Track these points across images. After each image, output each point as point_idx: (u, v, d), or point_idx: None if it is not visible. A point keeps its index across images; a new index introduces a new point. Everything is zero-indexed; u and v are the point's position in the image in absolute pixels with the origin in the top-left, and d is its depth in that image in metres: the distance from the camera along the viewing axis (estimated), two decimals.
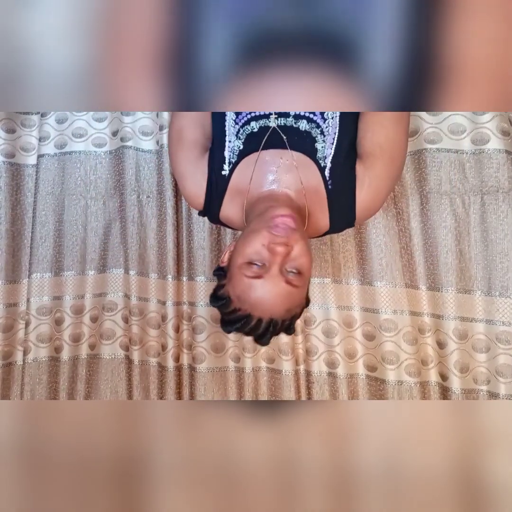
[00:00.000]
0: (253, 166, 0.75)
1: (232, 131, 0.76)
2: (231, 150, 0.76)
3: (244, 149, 0.76)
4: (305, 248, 0.67)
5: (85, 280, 1.27)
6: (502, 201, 1.07)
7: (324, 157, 0.74)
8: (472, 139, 1.09)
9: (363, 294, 1.17)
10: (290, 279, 0.66)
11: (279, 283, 0.66)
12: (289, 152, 0.74)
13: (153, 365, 1.22)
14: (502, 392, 1.06)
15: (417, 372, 1.13)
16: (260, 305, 0.67)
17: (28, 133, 1.28)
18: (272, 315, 0.68)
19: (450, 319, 1.11)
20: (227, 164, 0.76)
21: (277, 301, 0.67)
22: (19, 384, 1.24)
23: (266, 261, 0.66)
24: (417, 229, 1.12)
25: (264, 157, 0.75)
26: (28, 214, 1.27)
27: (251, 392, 1.20)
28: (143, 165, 1.23)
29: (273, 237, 0.65)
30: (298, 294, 0.69)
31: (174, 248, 1.20)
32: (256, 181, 0.75)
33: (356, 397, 1.17)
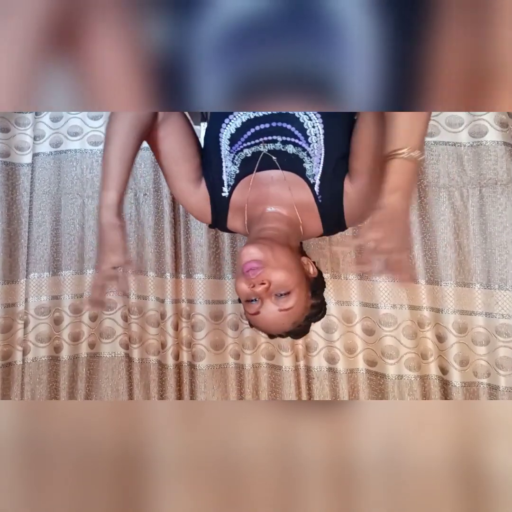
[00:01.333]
0: (249, 186, 0.83)
1: (228, 158, 0.84)
2: (228, 174, 0.84)
3: (240, 173, 0.84)
4: (282, 274, 0.73)
5: (83, 279, 1.27)
6: (501, 194, 1.06)
7: (313, 175, 0.81)
8: (470, 132, 1.08)
9: (362, 289, 1.17)
10: (282, 305, 0.74)
11: (273, 312, 0.74)
12: (280, 172, 0.81)
13: (153, 363, 1.22)
14: (502, 385, 1.06)
15: (417, 366, 1.14)
16: (269, 331, 0.78)
17: (23, 131, 1.27)
18: (283, 331, 0.78)
19: (450, 313, 1.10)
20: (226, 186, 0.85)
21: (279, 325, 0.76)
22: (19, 384, 1.24)
23: (258, 297, 0.74)
24: (415, 222, 1.12)
25: (258, 177, 0.82)
26: (24, 213, 1.26)
27: (251, 388, 1.20)
28: (140, 163, 1.22)
29: (249, 281, 0.73)
30: (296, 310, 0.76)
31: (172, 246, 1.20)
32: (252, 199, 0.83)
33: (357, 392, 1.17)
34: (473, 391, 1.10)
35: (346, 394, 1.16)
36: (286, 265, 0.76)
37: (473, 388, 1.10)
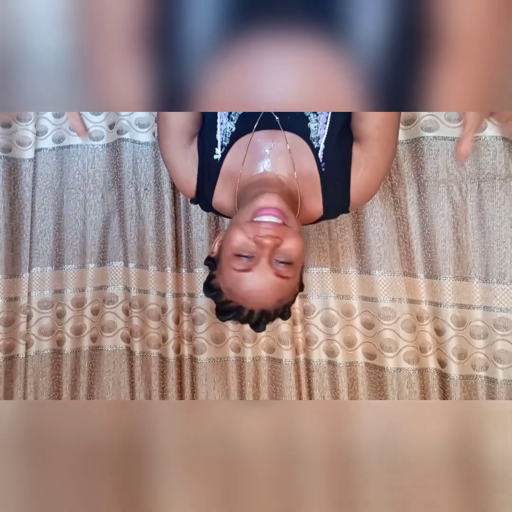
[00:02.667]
0: (245, 149, 0.73)
1: (224, 113, 0.74)
2: (223, 132, 0.74)
3: (236, 131, 0.74)
4: (297, 243, 0.66)
5: (85, 273, 1.28)
6: (499, 188, 1.07)
7: (318, 138, 0.72)
8: None
9: (361, 283, 1.18)
10: (280, 270, 0.65)
11: (268, 275, 0.65)
12: (281, 133, 0.72)
13: (154, 356, 1.24)
14: (500, 378, 1.07)
15: (416, 359, 1.15)
16: (251, 298, 0.67)
17: (24, 127, 1.27)
18: (263, 306, 0.69)
19: (448, 306, 1.11)
20: (219, 147, 0.74)
21: (267, 293, 0.67)
22: (22, 376, 1.25)
23: (254, 253, 0.65)
24: (414, 217, 1.12)
25: (256, 139, 0.73)
26: (26, 208, 1.27)
27: (251, 381, 1.21)
28: (140, 158, 1.23)
29: (259, 230, 0.63)
30: (289, 284, 0.68)
31: (172, 240, 1.21)
32: (248, 164, 0.73)
33: (356, 385, 1.18)
34: (471, 384, 1.11)
35: (346, 387, 1.17)
36: (301, 233, 0.68)
37: (471, 381, 1.11)
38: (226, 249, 0.68)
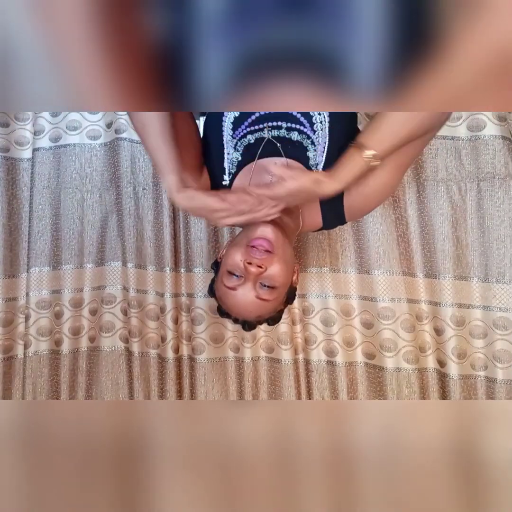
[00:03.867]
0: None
1: (230, 145, 0.81)
2: (230, 161, 0.82)
3: (242, 160, 0.81)
4: (280, 269, 0.73)
5: (83, 273, 1.27)
6: (499, 188, 1.06)
7: (316, 164, 0.79)
8: (468, 126, 1.08)
9: (360, 283, 1.18)
10: (262, 293, 0.73)
11: (249, 297, 0.74)
12: (283, 160, 0.79)
13: (153, 356, 1.23)
14: (499, 377, 1.07)
15: (415, 359, 1.14)
16: (234, 311, 0.78)
17: (22, 126, 1.27)
18: (244, 318, 0.79)
19: (447, 306, 1.11)
20: (227, 174, 0.82)
21: (246, 311, 0.76)
22: (20, 377, 1.25)
23: (243, 274, 0.73)
24: (414, 216, 1.12)
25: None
26: (25, 208, 1.26)
27: (250, 381, 1.21)
28: (138, 157, 1.22)
29: (249, 257, 0.72)
30: (270, 305, 0.76)
31: (171, 240, 1.20)
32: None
33: (355, 385, 1.17)
34: (470, 383, 1.11)
35: (345, 387, 1.17)
36: (287, 262, 0.76)
37: (470, 381, 1.11)
38: (223, 263, 0.77)
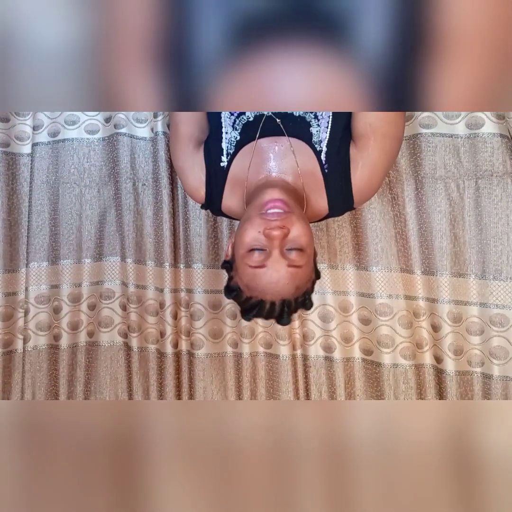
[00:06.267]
0: (250, 155, 0.76)
1: (228, 123, 0.77)
2: (228, 141, 0.77)
3: (241, 139, 0.77)
4: (302, 228, 0.67)
5: (81, 268, 1.28)
6: (496, 185, 1.07)
7: (320, 141, 0.75)
8: (466, 123, 1.09)
9: (358, 279, 1.18)
10: (292, 260, 0.67)
11: (282, 267, 0.67)
12: (284, 138, 0.75)
13: (152, 351, 1.24)
14: (495, 374, 1.08)
15: (412, 355, 1.15)
16: (269, 291, 0.69)
17: (22, 122, 1.27)
18: (282, 296, 0.70)
19: (445, 303, 1.12)
20: (225, 155, 0.77)
21: (284, 284, 0.68)
22: (20, 371, 1.25)
23: (266, 246, 0.67)
24: (412, 214, 1.13)
25: (261, 144, 0.75)
26: (25, 203, 1.27)
27: (249, 376, 1.22)
28: (138, 153, 1.22)
29: (267, 223, 0.66)
30: (304, 271, 0.69)
31: (170, 236, 1.21)
32: (254, 169, 0.76)
33: (353, 380, 1.18)
34: (467, 380, 1.12)
35: (342, 383, 1.18)
36: (306, 220, 0.70)
37: (467, 377, 1.12)
38: (239, 248, 0.70)
